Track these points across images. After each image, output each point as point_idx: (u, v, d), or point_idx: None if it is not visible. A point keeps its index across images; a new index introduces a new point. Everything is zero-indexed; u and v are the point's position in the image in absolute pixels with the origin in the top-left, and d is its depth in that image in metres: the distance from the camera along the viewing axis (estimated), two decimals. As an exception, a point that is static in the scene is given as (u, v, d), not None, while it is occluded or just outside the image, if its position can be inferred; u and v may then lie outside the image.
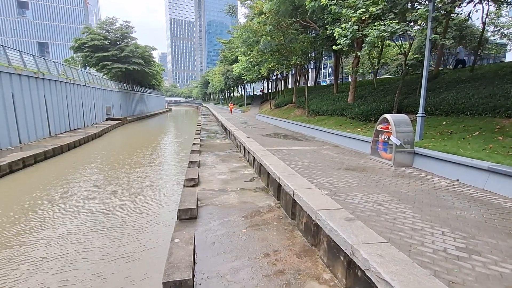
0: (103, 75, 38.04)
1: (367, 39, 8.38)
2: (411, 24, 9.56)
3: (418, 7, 8.79)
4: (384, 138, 7.18)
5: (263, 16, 14.30)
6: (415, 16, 7.62)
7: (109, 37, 38.26)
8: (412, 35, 10.03)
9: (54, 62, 22.31)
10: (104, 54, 36.49)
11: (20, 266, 4.97)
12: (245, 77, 27.09)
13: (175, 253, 3.53)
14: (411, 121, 7.25)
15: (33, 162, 12.14)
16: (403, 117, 7.10)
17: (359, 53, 11.70)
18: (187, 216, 4.96)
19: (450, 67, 20.49)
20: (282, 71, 28.40)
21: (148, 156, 15.02)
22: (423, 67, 7.60)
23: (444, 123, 8.41)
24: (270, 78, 37.57)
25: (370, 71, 20.37)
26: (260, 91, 49.77)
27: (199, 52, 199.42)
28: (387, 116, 7.08)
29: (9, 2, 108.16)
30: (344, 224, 3.34)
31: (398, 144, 6.67)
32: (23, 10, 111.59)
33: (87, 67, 38.58)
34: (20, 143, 14.54)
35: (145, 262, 5.19)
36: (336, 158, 7.87)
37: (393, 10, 8.40)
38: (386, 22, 7.77)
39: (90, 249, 5.58)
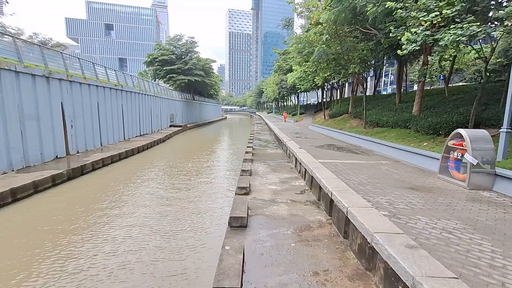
0: (169, 86, 42.02)
1: (439, 43, 7.60)
2: (494, 24, 8.38)
3: (506, 4, 7.67)
4: (457, 156, 6.34)
5: (319, 26, 14.12)
6: (503, 14, 6.63)
7: (175, 52, 42.27)
8: (495, 37, 8.77)
9: (130, 75, 25.49)
10: (171, 67, 40.39)
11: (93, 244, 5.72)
12: (299, 86, 26.96)
13: (225, 260, 3.65)
14: (492, 136, 6.28)
15: (110, 162, 13.96)
16: (482, 132, 6.18)
17: (428, 58, 10.68)
18: (237, 224, 5.10)
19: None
20: (339, 80, 27.50)
21: (203, 162, 15.94)
22: (509, 73, 6.54)
23: (537, 140, 7.08)
24: (325, 87, 36.66)
25: (439, 75, 18.35)
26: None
27: (254, 62, 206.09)
28: (461, 131, 6.25)
29: (99, 25, 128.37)
30: (404, 252, 3.03)
31: (475, 164, 5.82)
32: (109, 31, 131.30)
33: (156, 79, 43.10)
34: (101, 145, 16.86)
35: (195, 264, 5.44)
36: (397, 175, 7.23)
37: (473, 9, 7.47)
38: (464, 25, 6.94)
39: (145, 244, 6.12)
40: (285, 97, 57.14)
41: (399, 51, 8.80)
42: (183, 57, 42.78)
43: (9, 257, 5.52)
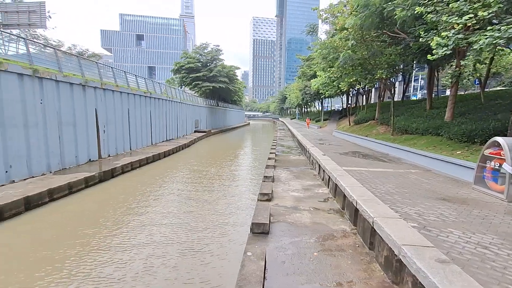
0: (194, 93, 43.29)
1: (474, 46, 7.18)
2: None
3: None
4: (494, 166, 5.91)
5: (345, 31, 13.92)
6: None
7: (201, 60, 43.61)
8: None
9: (158, 83, 26.63)
10: (197, 74, 41.69)
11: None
12: (323, 92, 26.61)
13: (247, 266, 3.67)
14: (535, 146, 5.78)
15: (138, 166, 14.59)
16: (523, 140, 5.73)
17: (462, 62, 10.12)
18: (259, 230, 5.10)
19: None
20: (365, 86, 26.79)
21: (226, 167, 16.16)
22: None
23: None
24: (350, 92, 35.86)
25: (474, 79, 17.25)
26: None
27: (278, 68, 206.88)
28: (499, 139, 5.83)
29: (131, 36, 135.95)
30: (435, 266, 2.87)
31: (515, 174, 5.39)
32: (139, 41, 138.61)
33: (183, 86, 44.63)
34: (130, 149, 17.70)
35: (217, 270, 5.49)
36: (427, 184, 6.87)
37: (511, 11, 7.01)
38: (502, 27, 6.53)
39: (170, 243, 6.29)
40: (309, 103, 56.60)
41: (429, 56, 8.43)
42: (208, 64, 43.99)
43: (39, 254, 5.93)
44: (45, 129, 10.89)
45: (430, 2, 8.59)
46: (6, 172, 9.28)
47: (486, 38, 6.68)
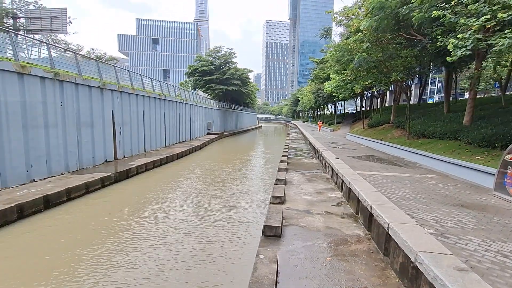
0: (207, 95, 43.79)
1: (494, 48, 6.97)
2: None
3: None
4: (517, 172, 5.68)
5: (360, 34, 13.75)
6: None
7: (214, 63, 44.13)
8: None
9: (172, 85, 27.12)
10: (210, 77, 42.18)
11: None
12: (337, 95, 26.31)
13: (260, 269, 3.67)
14: (562, 152, 5.52)
15: (152, 167, 14.89)
16: (549, 146, 5.48)
17: (482, 64, 9.80)
18: (271, 233, 5.10)
19: None
20: (379, 88, 26.31)
21: (238, 170, 16.23)
22: None
23: None
24: (365, 95, 35.31)
25: (495, 82, 16.62)
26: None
27: (291, 71, 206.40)
28: (521, 144, 5.61)
29: (146, 40, 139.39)
30: (453, 274, 2.79)
31: (540, 181, 5.16)
32: (155, 45, 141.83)
33: (196, 89, 45.24)
34: (145, 151, 18.08)
35: (228, 272, 5.51)
36: (445, 190, 6.67)
37: None
38: None
39: (182, 242, 6.37)
40: (322, 106, 56.06)
41: (448, 58, 8.22)
42: (221, 67, 44.45)
43: (54, 252, 6.13)
44: (64, 130, 11.30)
45: (447, 4, 8.40)
46: (27, 171, 9.68)
47: (506, 40, 6.47)
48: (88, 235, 6.93)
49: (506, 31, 6.69)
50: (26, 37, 12.94)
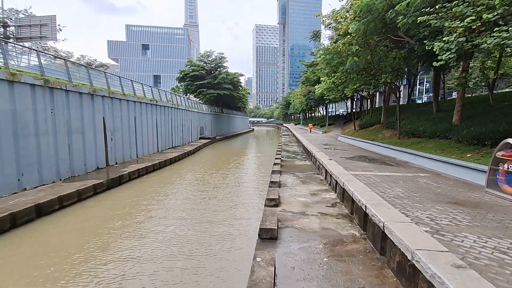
0: (199, 100, 43.62)
1: (481, 47, 7.13)
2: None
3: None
4: (508, 168, 5.79)
5: (348, 37, 13.93)
6: None
7: (205, 68, 44.03)
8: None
9: (164, 91, 26.91)
10: (201, 82, 42.02)
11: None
12: (328, 97, 26.56)
13: (257, 272, 3.62)
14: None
15: (144, 173, 14.67)
16: (536, 142, 5.61)
17: (470, 64, 10.02)
18: (267, 236, 5.05)
19: None
20: (369, 91, 26.68)
21: (232, 173, 16.14)
22: None
23: None
24: (355, 97, 35.75)
25: (482, 84, 17.06)
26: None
27: (281, 75, 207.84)
28: (511, 141, 5.73)
29: (136, 46, 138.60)
30: (451, 272, 2.80)
31: (529, 177, 5.27)
32: (145, 51, 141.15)
33: (188, 94, 45.02)
34: (137, 156, 17.82)
35: (225, 276, 5.44)
36: (438, 188, 6.75)
37: None
38: (510, 28, 6.48)
39: (179, 247, 6.26)
40: (313, 108, 56.52)
41: (434, 63, 8.40)
42: (212, 72, 44.38)
43: (48, 260, 5.94)
44: (55, 138, 11.05)
45: (432, 9, 8.59)
46: (19, 180, 9.42)
47: (494, 39, 6.63)
48: (78, 247, 6.73)
49: (495, 30, 6.85)
50: (16, 45, 12.69)
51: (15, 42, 15.81)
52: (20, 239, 6.91)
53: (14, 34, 20.07)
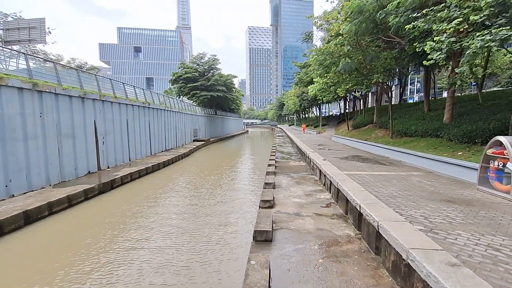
0: (192, 102, 43.38)
1: (467, 51, 7.24)
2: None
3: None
4: (498, 165, 5.86)
5: (340, 37, 14.03)
6: None
7: (198, 70, 43.86)
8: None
9: (157, 93, 26.69)
10: (195, 84, 41.83)
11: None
12: (321, 98, 26.70)
13: (251, 275, 3.56)
14: (537, 144, 5.74)
15: (137, 176, 14.46)
16: (525, 139, 5.69)
17: (458, 65, 10.17)
18: (262, 238, 5.00)
19: None
20: (361, 91, 26.92)
21: (226, 175, 16.04)
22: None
23: None
24: (348, 97, 36.04)
25: (471, 81, 17.32)
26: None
27: (275, 76, 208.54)
28: (501, 138, 5.81)
29: (128, 48, 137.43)
30: (446, 270, 2.79)
31: (519, 173, 5.34)
32: (137, 53, 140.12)
33: (181, 96, 44.75)
34: (130, 160, 17.57)
35: (219, 279, 5.35)
36: (431, 187, 6.80)
37: (504, 15, 7.08)
38: (494, 30, 6.58)
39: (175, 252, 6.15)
40: (307, 109, 56.79)
41: (424, 62, 8.50)
42: (205, 74, 44.23)
43: (37, 267, 5.78)
44: (44, 142, 10.81)
45: (419, 14, 8.71)
46: (6, 186, 9.17)
47: (478, 42, 6.73)
48: (66, 254, 6.56)
49: (477, 34, 6.96)
50: (4, 49, 12.40)
51: (2, 46, 15.48)
52: (7, 247, 6.71)
53: (2, 38, 19.66)
